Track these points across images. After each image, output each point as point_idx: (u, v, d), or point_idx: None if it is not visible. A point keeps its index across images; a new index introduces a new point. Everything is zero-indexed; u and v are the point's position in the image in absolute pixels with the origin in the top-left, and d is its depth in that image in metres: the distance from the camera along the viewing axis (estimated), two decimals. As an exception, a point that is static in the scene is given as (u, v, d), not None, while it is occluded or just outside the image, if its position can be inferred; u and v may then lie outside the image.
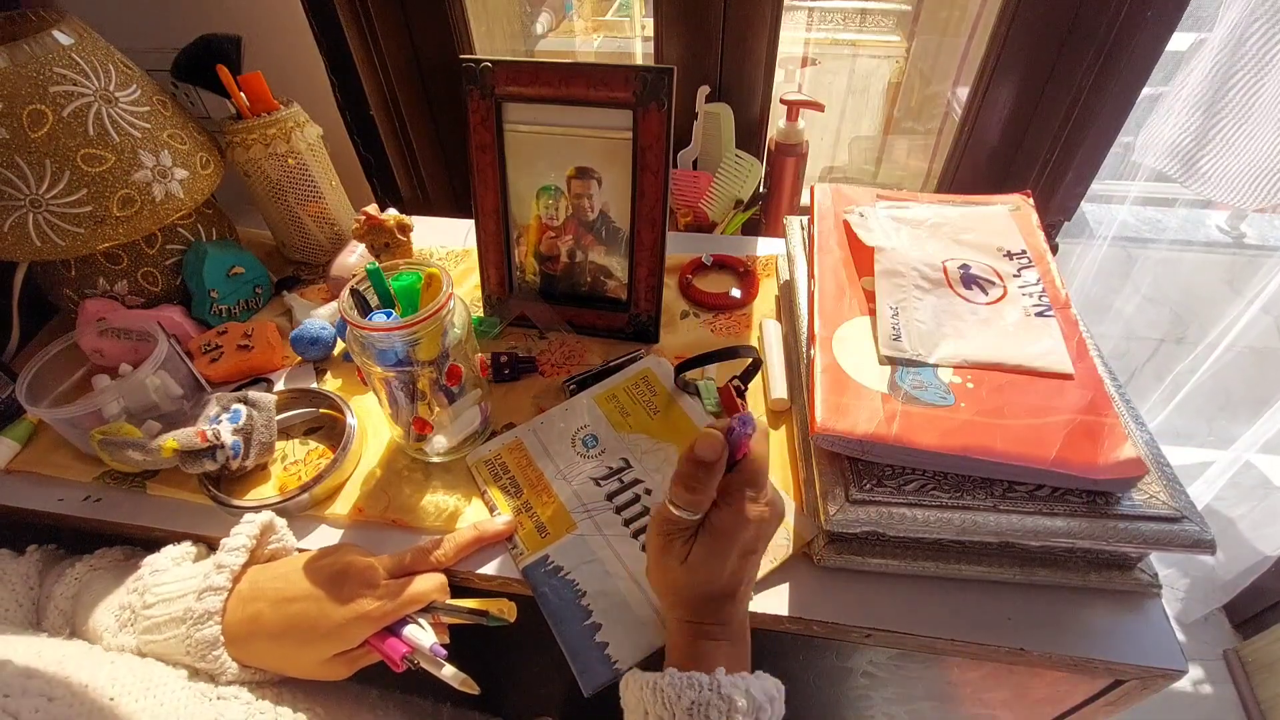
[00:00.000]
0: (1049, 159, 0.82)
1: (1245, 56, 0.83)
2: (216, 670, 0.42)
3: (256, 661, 0.44)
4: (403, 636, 0.44)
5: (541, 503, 0.55)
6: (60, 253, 0.63)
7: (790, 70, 1.09)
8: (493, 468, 0.57)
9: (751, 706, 0.37)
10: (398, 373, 0.51)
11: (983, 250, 0.59)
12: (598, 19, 1.41)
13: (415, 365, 0.50)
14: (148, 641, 0.43)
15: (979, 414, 0.46)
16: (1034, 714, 0.58)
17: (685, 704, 0.36)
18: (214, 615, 0.42)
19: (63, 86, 0.60)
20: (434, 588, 0.46)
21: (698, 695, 0.36)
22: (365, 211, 0.71)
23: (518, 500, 0.55)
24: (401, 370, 0.50)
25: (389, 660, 0.44)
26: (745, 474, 0.41)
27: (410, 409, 0.53)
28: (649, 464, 0.56)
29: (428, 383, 0.52)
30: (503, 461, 0.58)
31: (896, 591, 0.48)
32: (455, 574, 0.51)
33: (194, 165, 0.69)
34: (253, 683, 0.44)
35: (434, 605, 0.46)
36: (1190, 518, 0.43)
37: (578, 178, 0.64)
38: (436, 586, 0.47)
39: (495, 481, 0.56)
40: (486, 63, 0.61)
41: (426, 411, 0.53)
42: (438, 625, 0.47)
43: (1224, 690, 1.35)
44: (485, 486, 0.56)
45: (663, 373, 0.62)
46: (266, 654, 0.44)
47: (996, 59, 0.78)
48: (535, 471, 0.57)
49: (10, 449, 0.61)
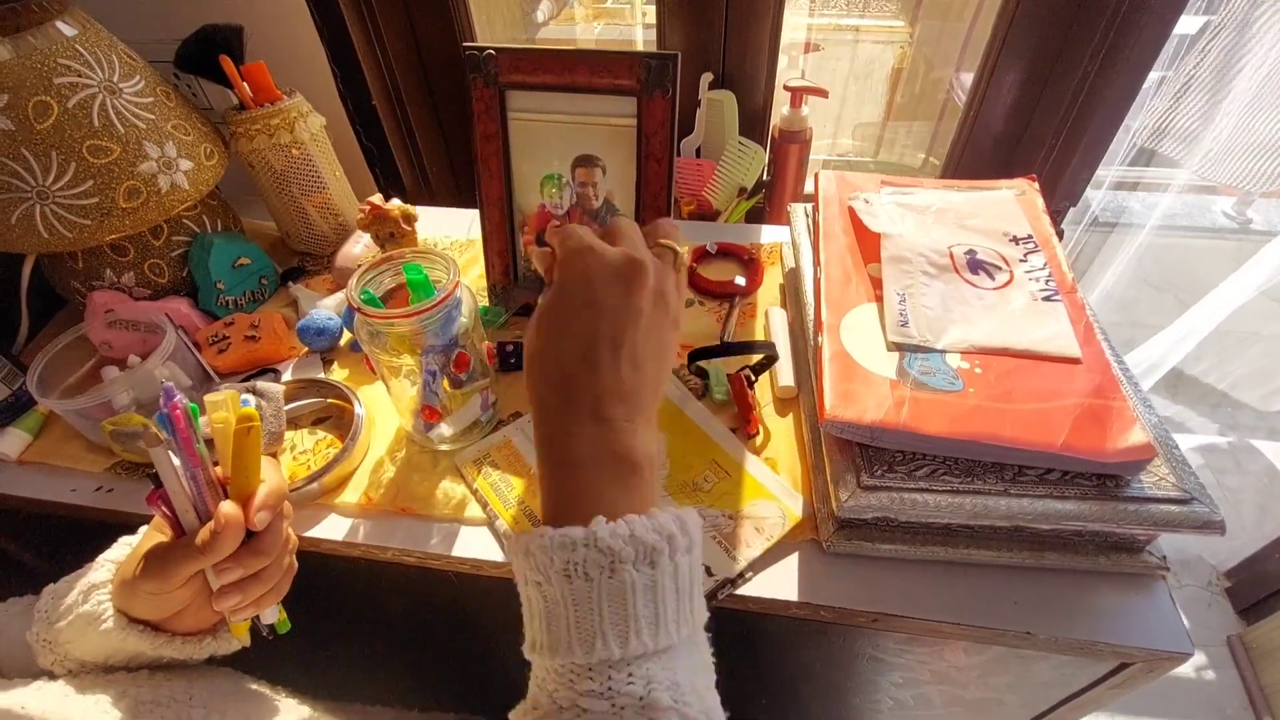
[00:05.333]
0: (1054, 144, 0.82)
1: (1251, 40, 0.82)
2: (97, 613, 0.40)
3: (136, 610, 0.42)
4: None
5: (534, 496, 0.54)
6: (67, 245, 0.63)
7: (793, 56, 1.08)
8: (481, 466, 0.57)
9: (643, 553, 0.30)
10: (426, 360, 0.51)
11: (988, 235, 0.59)
12: (598, 5, 1.40)
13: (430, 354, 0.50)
14: (60, 631, 0.41)
15: (987, 399, 0.46)
16: (1039, 697, 0.58)
17: (559, 566, 0.30)
18: (101, 586, 0.42)
19: (67, 78, 0.60)
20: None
21: (572, 554, 0.30)
22: (370, 201, 0.71)
23: (509, 494, 0.55)
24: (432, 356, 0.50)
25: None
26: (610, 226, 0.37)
27: (432, 395, 0.54)
28: None
29: (436, 370, 0.52)
30: (492, 459, 0.57)
31: (904, 576, 0.49)
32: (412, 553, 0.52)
33: (198, 156, 0.69)
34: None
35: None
36: (1199, 499, 0.43)
37: (582, 166, 0.64)
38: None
39: (485, 478, 0.56)
40: (490, 50, 0.60)
41: (434, 399, 0.54)
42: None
43: (1227, 675, 1.36)
44: (475, 484, 0.56)
45: None
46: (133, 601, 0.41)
47: (1001, 43, 0.77)
48: (525, 466, 0.57)
49: (22, 440, 0.62)
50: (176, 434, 0.37)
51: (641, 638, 0.30)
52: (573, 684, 0.30)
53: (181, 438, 0.37)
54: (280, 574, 0.43)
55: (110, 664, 0.43)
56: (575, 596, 0.30)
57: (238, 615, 0.42)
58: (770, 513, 0.52)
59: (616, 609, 0.30)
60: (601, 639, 0.30)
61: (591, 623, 0.30)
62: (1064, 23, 0.74)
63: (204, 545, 0.38)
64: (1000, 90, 0.81)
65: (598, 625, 0.30)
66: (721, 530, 0.51)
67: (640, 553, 0.30)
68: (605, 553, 0.30)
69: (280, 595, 0.44)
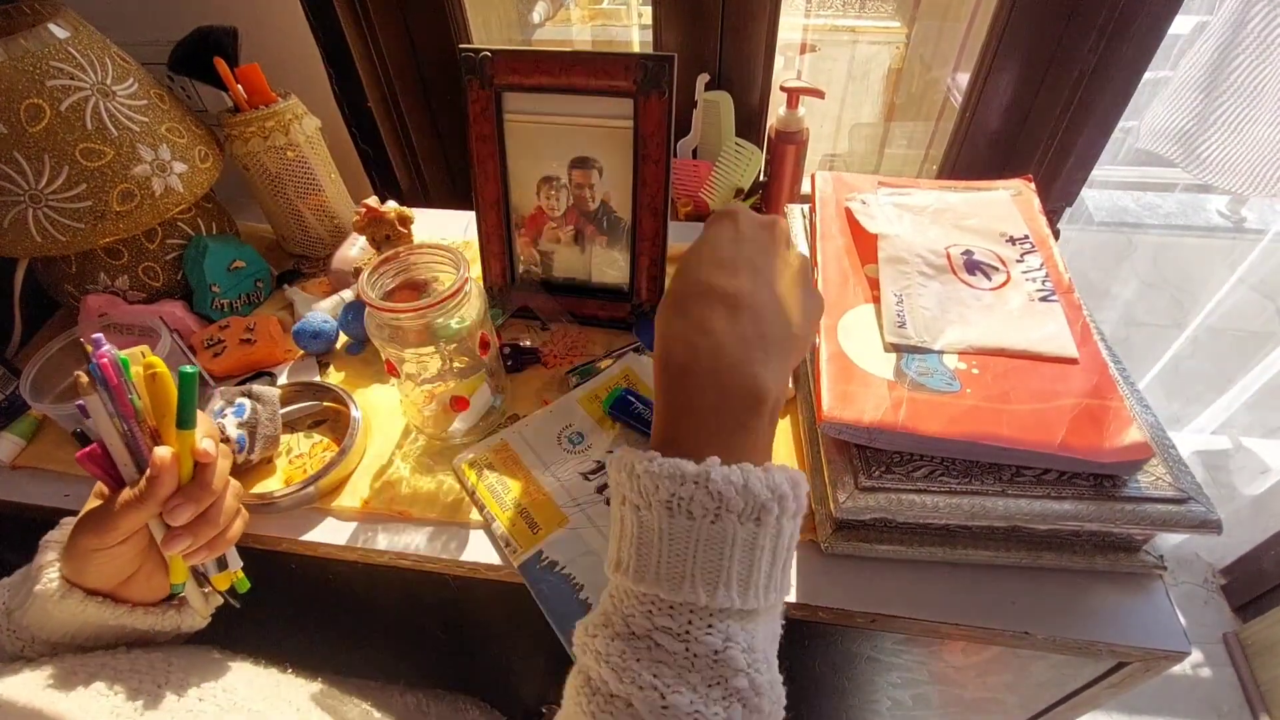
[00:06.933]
0: (1050, 144, 0.82)
1: (1247, 40, 0.82)
2: (49, 590, 0.40)
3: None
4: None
5: (530, 498, 0.54)
6: (61, 248, 0.63)
7: (790, 57, 1.08)
8: (479, 469, 0.57)
9: (752, 506, 0.29)
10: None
11: (985, 236, 0.59)
12: (595, 6, 1.40)
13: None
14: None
15: (985, 400, 0.46)
16: (1037, 696, 0.58)
17: (663, 496, 0.29)
18: (49, 565, 0.41)
19: (59, 80, 0.60)
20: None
21: (680, 488, 0.29)
22: (366, 204, 0.71)
23: (506, 497, 0.55)
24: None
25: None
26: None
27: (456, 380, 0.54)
28: None
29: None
30: (490, 462, 0.57)
31: (902, 577, 0.49)
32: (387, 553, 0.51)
33: (193, 159, 0.69)
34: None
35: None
36: (1196, 498, 0.43)
37: (578, 167, 0.64)
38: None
39: (483, 481, 0.56)
40: (486, 52, 0.60)
41: (463, 389, 0.54)
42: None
43: (1223, 673, 1.36)
44: (472, 486, 0.56)
45: (643, 370, 0.62)
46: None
47: (997, 44, 0.77)
48: (522, 469, 0.56)
49: (15, 445, 0.61)
50: (108, 385, 0.37)
51: (731, 592, 0.29)
52: (651, 615, 0.30)
53: (113, 387, 0.37)
54: (230, 517, 0.43)
55: (79, 642, 0.43)
56: (673, 531, 0.29)
57: (191, 559, 0.42)
58: None
59: (711, 557, 0.29)
60: (690, 582, 0.29)
61: (684, 563, 0.29)
62: (1060, 23, 0.74)
63: (142, 490, 0.38)
64: (996, 90, 0.81)
65: (689, 568, 0.29)
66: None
67: (749, 506, 0.29)
68: (714, 496, 0.29)
69: (231, 541, 0.44)
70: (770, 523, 0.30)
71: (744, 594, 0.29)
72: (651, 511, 0.30)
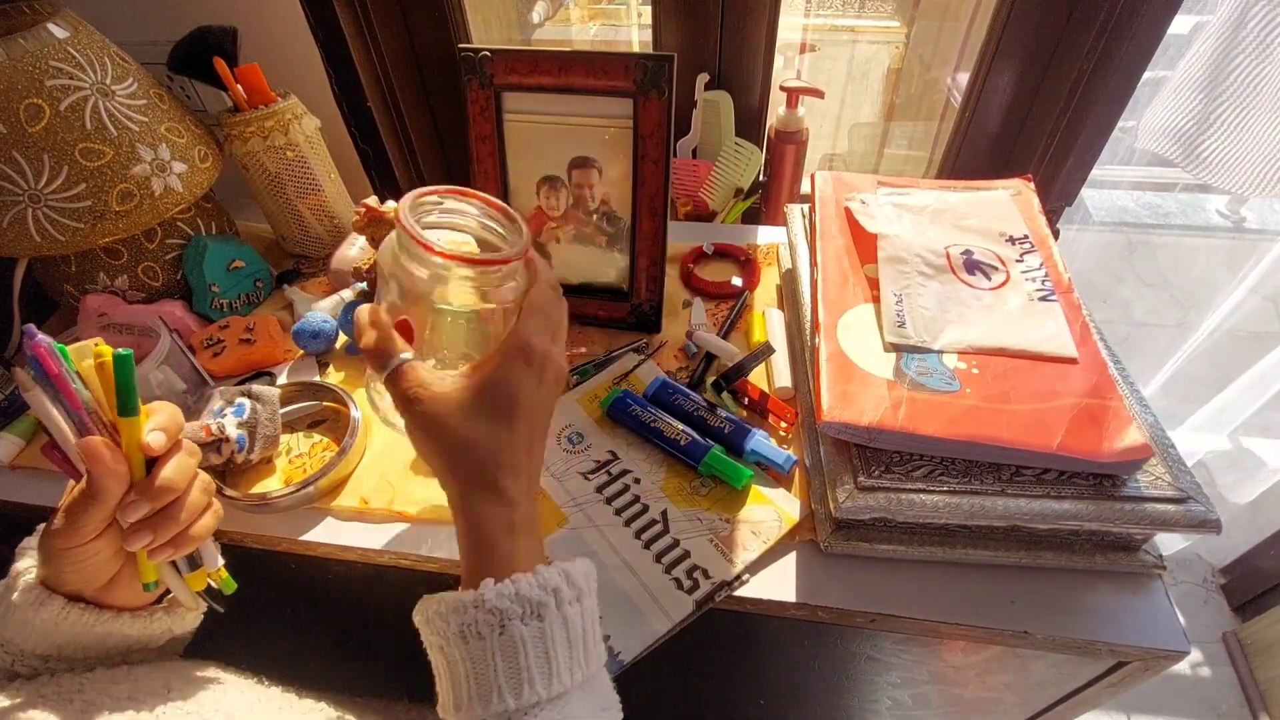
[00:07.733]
0: (1050, 144, 0.82)
1: (1246, 39, 0.82)
2: (29, 599, 0.39)
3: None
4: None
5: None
6: (60, 248, 0.63)
7: (789, 57, 1.08)
8: None
9: (529, 609, 0.33)
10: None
11: (985, 236, 0.59)
12: (594, 6, 1.40)
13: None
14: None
15: (984, 400, 0.46)
16: (1037, 696, 0.58)
17: (455, 629, 0.33)
18: (26, 571, 0.41)
19: (59, 80, 0.60)
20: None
21: (464, 617, 0.33)
22: (365, 204, 0.70)
23: None
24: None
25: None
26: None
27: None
28: (636, 454, 0.56)
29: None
30: None
31: (901, 576, 0.49)
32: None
33: (192, 159, 0.69)
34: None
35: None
36: (1196, 498, 0.43)
37: (578, 167, 0.64)
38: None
39: None
40: (485, 52, 0.60)
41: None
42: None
43: (1223, 672, 1.36)
44: None
45: (642, 369, 0.62)
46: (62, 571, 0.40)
47: (997, 43, 0.77)
48: None
49: (14, 445, 0.61)
50: (47, 374, 0.35)
51: (535, 688, 0.32)
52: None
53: (52, 375, 0.35)
54: (196, 513, 0.40)
55: (68, 654, 0.41)
56: (472, 655, 0.33)
57: (155, 556, 0.40)
58: (766, 516, 0.52)
59: (510, 663, 0.32)
60: (498, 693, 0.32)
61: (488, 678, 0.32)
62: (1059, 22, 0.74)
63: (86, 484, 0.37)
64: (996, 90, 0.81)
65: (494, 680, 0.32)
66: (719, 534, 0.51)
67: (528, 609, 0.33)
68: (493, 612, 0.32)
69: (201, 538, 0.41)
70: (552, 616, 0.33)
71: (547, 684, 0.33)
72: (451, 645, 0.33)
